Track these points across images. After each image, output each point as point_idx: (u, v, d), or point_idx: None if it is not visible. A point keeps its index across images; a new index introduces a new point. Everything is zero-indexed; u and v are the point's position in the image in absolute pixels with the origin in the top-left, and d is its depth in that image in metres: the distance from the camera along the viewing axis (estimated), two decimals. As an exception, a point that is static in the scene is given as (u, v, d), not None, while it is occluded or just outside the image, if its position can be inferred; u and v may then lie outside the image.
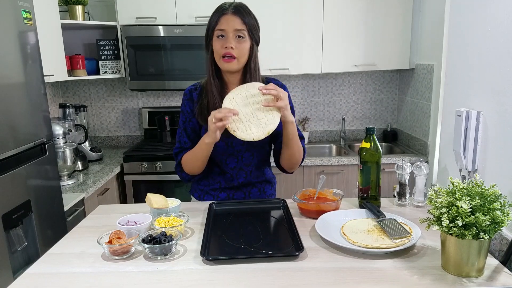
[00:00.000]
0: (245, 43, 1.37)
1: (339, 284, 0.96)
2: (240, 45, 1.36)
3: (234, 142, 1.48)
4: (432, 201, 0.99)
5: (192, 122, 1.49)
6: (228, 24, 1.34)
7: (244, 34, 1.36)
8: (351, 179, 2.72)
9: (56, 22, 2.47)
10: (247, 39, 1.37)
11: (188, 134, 1.51)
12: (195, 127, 1.50)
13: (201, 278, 1.00)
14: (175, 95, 3.27)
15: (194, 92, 1.50)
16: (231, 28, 1.34)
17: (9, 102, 1.55)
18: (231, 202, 1.48)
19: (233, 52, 1.35)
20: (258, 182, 1.59)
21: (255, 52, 1.41)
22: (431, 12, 2.58)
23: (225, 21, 1.35)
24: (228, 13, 1.35)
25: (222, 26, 1.35)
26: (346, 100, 3.28)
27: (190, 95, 1.50)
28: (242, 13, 1.36)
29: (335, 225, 1.24)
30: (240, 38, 1.36)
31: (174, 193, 2.75)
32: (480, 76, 1.58)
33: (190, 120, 1.50)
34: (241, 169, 1.54)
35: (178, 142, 1.53)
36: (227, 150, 1.49)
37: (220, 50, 1.36)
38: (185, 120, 1.51)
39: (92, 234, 1.25)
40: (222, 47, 1.35)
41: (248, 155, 1.52)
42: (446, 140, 1.92)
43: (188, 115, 1.50)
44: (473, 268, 0.96)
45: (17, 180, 1.59)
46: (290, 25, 2.79)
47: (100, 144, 3.31)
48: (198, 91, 1.50)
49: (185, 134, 1.51)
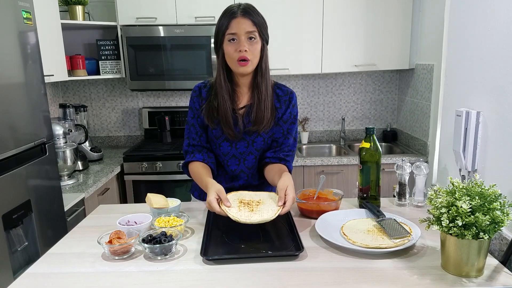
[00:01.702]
0: (257, 44, 1.36)
1: (339, 284, 0.96)
2: (252, 47, 1.35)
3: (239, 144, 1.48)
4: (432, 201, 0.99)
5: (200, 119, 1.49)
6: (239, 28, 1.33)
7: (255, 35, 1.35)
8: (351, 179, 2.72)
9: (56, 22, 2.47)
10: (258, 39, 1.36)
11: (196, 130, 1.50)
12: (204, 123, 1.49)
13: (201, 278, 1.00)
14: (175, 95, 3.27)
15: (203, 89, 1.50)
16: (242, 31, 1.33)
17: (9, 102, 1.55)
18: (231, 202, 1.48)
19: (247, 55, 1.34)
20: (258, 184, 1.59)
21: (265, 51, 1.41)
22: (431, 12, 2.58)
23: (236, 24, 1.33)
24: (238, 16, 1.33)
25: (233, 30, 1.33)
26: (346, 100, 3.29)
27: (199, 91, 1.50)
28: (252, 14, 1.35)
29: (335, 225, 1.24)
30: (252, 40, 1.35)
31: (174, 193, 2.75)
32: (480, 76, 1.58)
33: (198, 117, 1.49)
34: (242, 172, 1.53)
35: (187, 139, 1.52)
36: (230, 151, 1.49)
37: (233, 54, 1.35)
38: (193, 116, 1.50)
39: (92, 234, 1.25)
40: (235, 51, 1.34)
41: (251, 158, 1.51)
42: (446, 140, 1.92)
43: (197, 112, 1.50)
44: (473, 268, 0.96)
45: (17, 180, 1.59)
46: (290, 25, 2.79)
47: (100, 144, 3.31)
48: (207, 89, 1.49)
49: (194, 130, 1.51)
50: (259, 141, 1.48)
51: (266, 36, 1.40)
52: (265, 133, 1.48)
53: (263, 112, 1.42)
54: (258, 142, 1.49)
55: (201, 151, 1.50)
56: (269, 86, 1.44)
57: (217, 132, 1.47)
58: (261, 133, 1.47)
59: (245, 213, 1.19)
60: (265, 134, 1.48)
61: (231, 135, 1.45)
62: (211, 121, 1.45)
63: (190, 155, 1.50)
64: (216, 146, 1.50)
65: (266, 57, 1.41)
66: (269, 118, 1.44)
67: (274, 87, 1.50)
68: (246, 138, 1.48)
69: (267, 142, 1.51)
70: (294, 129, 1.52)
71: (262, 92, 1.42)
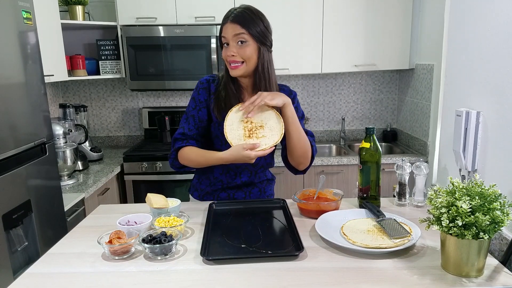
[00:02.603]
0: (248, 47, 1.36)
1: (339, 284, 0.96)
2: (241, 50, 1.36)
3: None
4: (432, 201, 0.99)
5: (202, 112, 1.47)
6: (227, 32, 1.37)
7: (244, 37, 1.35)
8: (351, 179, 2.72)
9: (56, 22, 2.47)
10: (250, 42, 1.36)
11: (195, 122, 1.48)
12: (203, 118, 1.48)
13: (201, 278, 1.00)
14: (175, 95, 3.27)
15: (212, 83, 1.50)
16: (230, 35, 1.36)
17: (9, 102, 1.55)
18: (231, 202, 1.48)
19: (235, 58, 1.37)
20: (260, 182, 1.59)
21: (263, 54, 1.39)
22: (431, 12, 2.58)
23: (225, 29, 1.37)
24: (228, 21, 1.37)
25: (224, 34, 1.38)
26: (346, 100, 3.29)
27: (207, 84, 1.49)
28: (244, 18, 1.35)
29: (335, 225, 1.24)
30: (242, 43, 1.36)
31: (174, 193, 2.75)
32: (480, 76, 1.58)
33: (200, 109, 1.48)
34: (246, 168, 1.53)
35: (182, 128, 1.49)
36: None
37: (225, 58, 1.40)
38: (195, 107, 1.48)
39: (92, 234, 1.25)
40: (227, 55, 1.38)
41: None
42: (446, 140, 1.92)
43: (200, 104, 1.48)
44: (473, 268, 0.96)
45: (17, 180, 1.59)
46: (290, 25, 2.79)
47: (100, 144, 3.31)
48: (216, 83, 1.50)
49: (192, 121, 1.48)
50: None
51: (263, 40, 1.38)
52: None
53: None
54: None
55: (195, 140, 1.48)
56: (272, 88, 1.43)
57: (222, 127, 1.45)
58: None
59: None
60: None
61: None
62: (219, 113, 1.44)
63: (181, 142, 1.47)
64: (222, 143, 1.48)
65: (264, 59, 1.40)
66: None
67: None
68: None
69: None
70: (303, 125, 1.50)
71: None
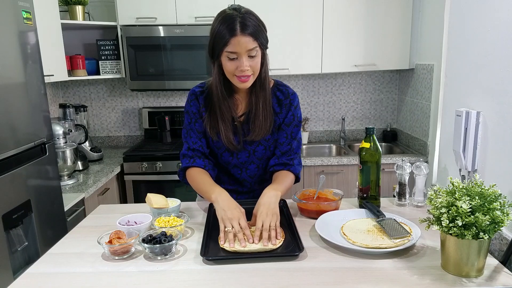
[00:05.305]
0: (258, 57, 1.29)
1: (339, 284, 0.96)
2: (253, 62, 1.28)
3: (240, 154, 1.46)
4: (432, 201, 0.99)
5: (198, 123, 1.45)
6: (240, 47, 1.24)
7: (256, 50, 1.28)
8: (351, 179, 2.72)
9: (56, 22, 2.47)
10: (259, 51, 1.29)
11: (196, 134, 1.45)
12: (201, 129, 1.45)
13: (201, 278, 1.00)
14: (175, 95, 3.27)
15: (200, 96, 1.44)
16: (243, 50, 1.25)
17: (9, 102, 1.55)
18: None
19: (248, 72, 1.28)
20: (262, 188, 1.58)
21: (266, 58, 1.35)
22: (431, 12, 2.58)
23: (237, 42, 1.24)
24: (237, 34, 1.23)
25: (234, 48, 1.25)
26: (346, 100, 3.29)
27: (195, 96, 1.45)
28: (250, 26, 1.25)
29: (335, 225, 1.24)
30: (253, 57, 1.28)
31: (174, 193, 2.75)
32: (480, 76, 1.58)
33: (196, 121, 1.45)
34: (245, 180, 1.53)
35: (186, 143, 1.47)
36: (232, 161, 1.48)
37: (234, 71, 1.29)
38: (191, 121, 1.46)
39: (92, 234, 1.25)
40: (236, 69, 1.28)
41: (253, 167, 1.50)
42: (446, 140, 1.92)
43: (194, 116, 1.45)
44: (473, 268, 0.96)
45: (17, 180, 1.59)
46: (290, 25, 2.79)
47: (100, 144, 3.31)
48: (204, 95, 1.44)
49: (193, 134, 1.45)
50: (260, 150, 1.47)
51: (265, 43, 1.32)
52: (265, 141, 1.45)
53: (260, 120, 1.39)
54: (259, 151, 1.47)
55: (201, 157, 1.45)
56: (268, 91, 1.40)
57: (218, 143, 1.44)
58: (262, 142, 1.45)
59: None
60: (266, 142, 1.46)
61: (231, 147, 1.42)
62: (214, 133, 1.41)
63: (189, 160, 1.44)
64: (218, 156, 1.48)
65: (266, 64, 1.36)
66: (267, 126, 1.40)
67: (274, 88, 1.45)
68: (247, 148, 1.46)
69: (270, 149, 1.48)
70: (299, 132, 1.48)
71: (259, 98, 1.38)
